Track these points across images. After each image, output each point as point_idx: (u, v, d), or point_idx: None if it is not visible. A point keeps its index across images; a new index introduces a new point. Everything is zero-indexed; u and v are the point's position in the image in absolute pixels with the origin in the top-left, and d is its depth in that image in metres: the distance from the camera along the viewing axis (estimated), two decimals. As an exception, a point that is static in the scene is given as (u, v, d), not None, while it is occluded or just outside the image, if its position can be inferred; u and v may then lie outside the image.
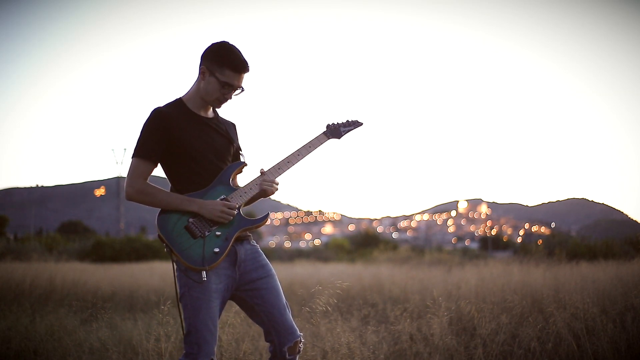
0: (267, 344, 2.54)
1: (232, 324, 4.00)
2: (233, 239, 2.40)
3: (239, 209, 2.46)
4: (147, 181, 2.42)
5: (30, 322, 5.17)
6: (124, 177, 2.51)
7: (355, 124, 2.84)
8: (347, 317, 5.50)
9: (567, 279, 6.63)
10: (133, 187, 2.39)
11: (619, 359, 3.90)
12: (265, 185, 2.51)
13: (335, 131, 2.76)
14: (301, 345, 2.50)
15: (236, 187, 2.51)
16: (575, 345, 4.00)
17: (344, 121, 2.82)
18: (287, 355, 2.46)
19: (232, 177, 2.52)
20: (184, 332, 2.38)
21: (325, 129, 2.75)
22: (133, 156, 2.41)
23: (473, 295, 5.94)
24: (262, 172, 2.55)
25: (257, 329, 4.50)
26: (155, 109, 2.44)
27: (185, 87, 2.57)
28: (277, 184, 2.56)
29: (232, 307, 4.12)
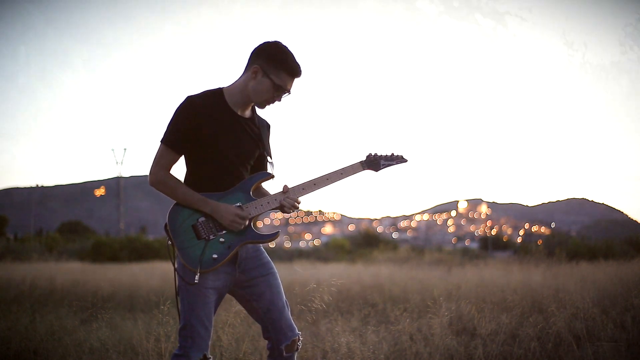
0: (267, 343, 2.54)
1: (232, 324, 4.00)
2: (235, 250, 2.38)
3: (250, 220, 2.44)
4: (170, 172, 2.40)
5: (30, 322, 5.17)
6: (124, 177, 2.51)
7: (399, 160, 2.62)
8: (347, 317, 5.50)
9: (567, 279, 6.63)
10: (155, 176, 2.39)
11: (619, 359, 3.90)
12: (286, 202, 2.44)
13: (374, 163, 2.58)
14: (299, 343, 2.50)
15: (255, 197, 2.46)
16: (575, 346, 4.00)
17: (388, 154, 2.61)
18: (284, 353, 2.46)
19: (254, 186, 2.47)
20: (180, 326, 2.39)
21: (364, 158, 2.59)
22: (161, 141, 2.39)
23: (473, 295, 5.94)
24: (286, 190, 2.48)
25: (257, 329, 4.50)
26: (188, 97, 2.37)
27: (187, 86, 2.52)
28: (299, 203, 2.48)
29: (232, 307, 4.12)
